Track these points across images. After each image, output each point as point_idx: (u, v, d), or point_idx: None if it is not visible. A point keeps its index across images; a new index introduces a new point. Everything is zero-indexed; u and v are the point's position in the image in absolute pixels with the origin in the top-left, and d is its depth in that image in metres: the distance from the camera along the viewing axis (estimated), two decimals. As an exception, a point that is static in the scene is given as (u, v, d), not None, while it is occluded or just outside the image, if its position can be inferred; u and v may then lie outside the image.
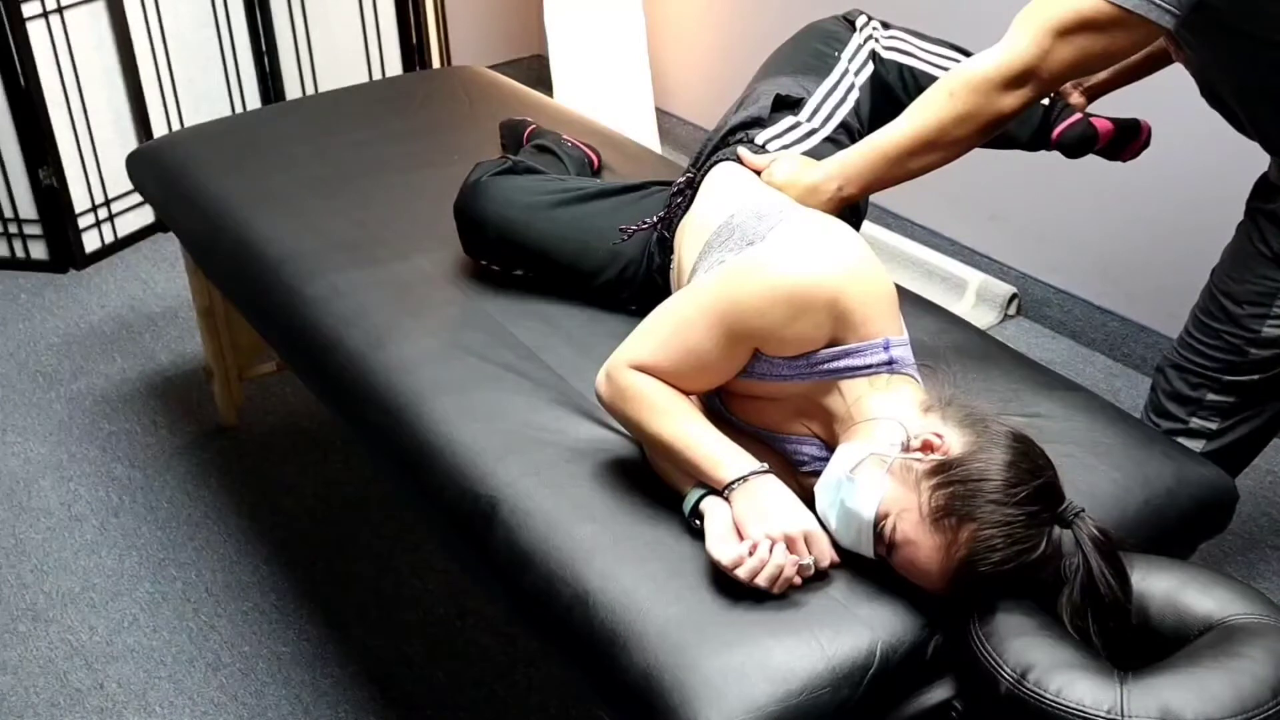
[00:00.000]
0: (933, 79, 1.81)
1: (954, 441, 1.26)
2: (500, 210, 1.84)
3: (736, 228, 1.53)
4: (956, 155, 1.58)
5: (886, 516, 1.24)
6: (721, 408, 1.50)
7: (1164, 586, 1.27)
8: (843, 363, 1.35)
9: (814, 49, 1.90)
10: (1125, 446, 1.54)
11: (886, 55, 1.92)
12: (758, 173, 1.69)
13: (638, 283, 1.82)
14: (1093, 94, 2.01)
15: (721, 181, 1.69)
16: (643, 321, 1.45)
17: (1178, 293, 2.73)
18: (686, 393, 1.43)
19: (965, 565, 1.21)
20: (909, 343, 1.39)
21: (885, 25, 1.97)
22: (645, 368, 1.40)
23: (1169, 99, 2.58)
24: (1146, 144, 2.03)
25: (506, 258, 1.88)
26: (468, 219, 1.87)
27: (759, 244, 1.45)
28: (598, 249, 1.82)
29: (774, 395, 1.42)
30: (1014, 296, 3.05)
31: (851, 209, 1.70)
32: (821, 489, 1.32)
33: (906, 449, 1.27)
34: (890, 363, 1.35)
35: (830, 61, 1.87)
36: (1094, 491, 1.43)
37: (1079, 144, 1.96)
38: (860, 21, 1.95)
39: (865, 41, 1.92)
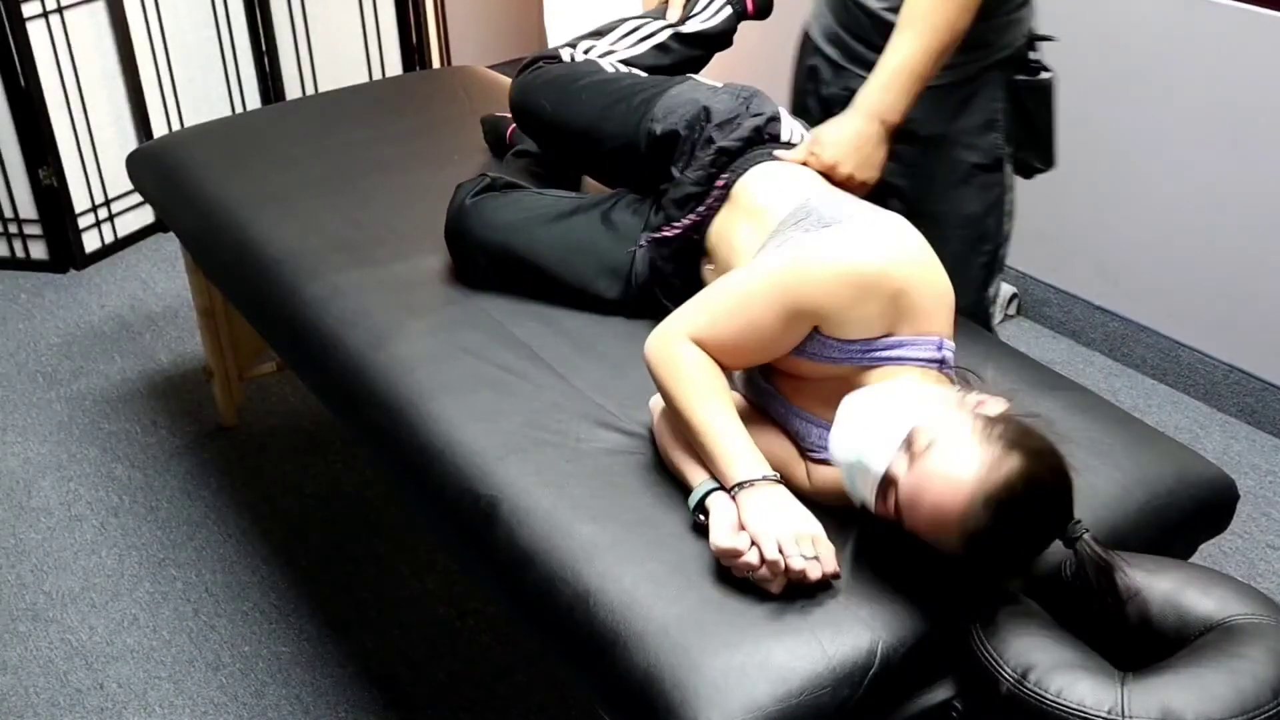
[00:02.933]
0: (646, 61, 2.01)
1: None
2: (485, 235, 1.83)
3: (812, 210, 1.52)
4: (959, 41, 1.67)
5: (923, 430, 1.23)
6: (757, 373, 1.51)
7: (1164, 586, 1.27)
8: (896, 351, 1.36)
9: (613, 77, 1.93)
10: (1125, 446, 1.54)
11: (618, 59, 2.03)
12: (804, 164, 1.68)
13: (631, 295, 1.80)
14: None
15: (771, 179, 1.67)
16: (703, 291, 1.47)
17: (1177, 292, 2.73)
18: (736, 367, 1.45)
19: (992, 504, 1.18)
20: (954, 350, 1.41)
21: (572, 46, 2.05)
22: (702, 339, 1.42)
23: (1170, 99, 2.58)
24: None
25: (500, 279, 1.86)
26: (455, 243, 1.87)
27: (834, 227, 1.45)
28: (585, 265, 1.81)
29: (816, 376, 1.42)
30: (1014, 296, 3.05)
31: None
32: (850, 400, 1.32)
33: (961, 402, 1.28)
34: (941, 362, 1.37)
35: (639, 78, 1.92)
36: (1094, 491, 1.43)
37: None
38: (571, 55, 2.02)
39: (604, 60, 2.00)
